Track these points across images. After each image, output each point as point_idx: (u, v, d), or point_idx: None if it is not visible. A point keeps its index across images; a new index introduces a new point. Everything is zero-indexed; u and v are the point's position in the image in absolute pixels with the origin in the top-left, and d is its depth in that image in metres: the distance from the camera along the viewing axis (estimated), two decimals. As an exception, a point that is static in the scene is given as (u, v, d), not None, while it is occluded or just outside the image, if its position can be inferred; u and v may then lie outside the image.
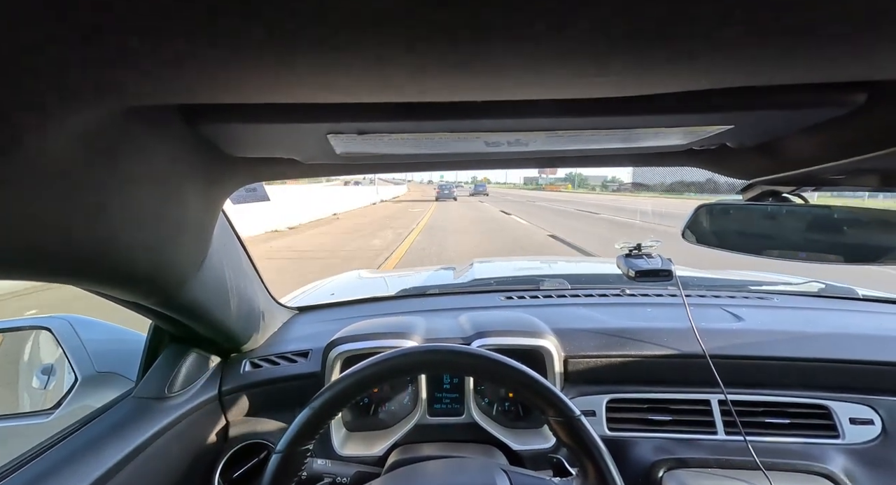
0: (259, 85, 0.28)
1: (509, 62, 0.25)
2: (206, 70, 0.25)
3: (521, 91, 0.29)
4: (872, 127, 0.38)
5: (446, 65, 0.25)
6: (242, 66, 0.25)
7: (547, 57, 0.24)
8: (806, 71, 0.27)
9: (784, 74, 0.27)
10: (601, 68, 0.25)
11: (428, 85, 0.29)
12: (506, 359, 0.58)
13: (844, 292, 1.28)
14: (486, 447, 0.89)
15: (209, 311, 0.70)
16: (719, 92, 0.34)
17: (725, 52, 0.24)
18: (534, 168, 0.64)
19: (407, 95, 0.31)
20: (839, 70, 0.27)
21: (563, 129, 0.38)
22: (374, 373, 0.57)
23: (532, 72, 0.26)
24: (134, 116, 0.32)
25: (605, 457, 0.53)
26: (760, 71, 0.27)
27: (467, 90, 0.30)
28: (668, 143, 0.46)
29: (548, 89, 0.29)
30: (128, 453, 0.65)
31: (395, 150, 0.44)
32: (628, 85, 0.28)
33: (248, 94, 0.29)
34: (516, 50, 0.23)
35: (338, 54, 0.23)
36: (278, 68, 0.25)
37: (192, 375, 0.83)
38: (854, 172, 0.49)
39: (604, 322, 1.03)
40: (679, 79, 0.28)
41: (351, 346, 0.89)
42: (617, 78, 0.27)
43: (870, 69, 0.27)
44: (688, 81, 0.28)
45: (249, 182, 0.60)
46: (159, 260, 0.48)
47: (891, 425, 0.84)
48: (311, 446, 0.56)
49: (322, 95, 0.30)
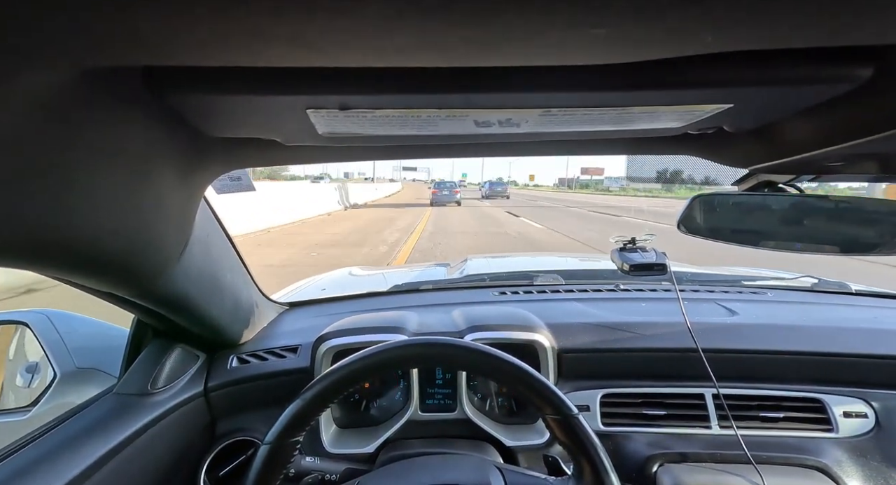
0: (226, 44, 0.25)
1: (498, 21, 0.23)
2: (164, 23, 0.22)
3: (511, 55, 0.28)
4: (876, 106, 0.36)
5: (433, 25, 0.23)
6: (205, 18, 0.22)
7: (538, 16, 0.22)
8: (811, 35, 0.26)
9: (787, 38, 0.26)
10: (594, 26, 0.23)
11: (414, 48, 0.27)
12: (502, 354, 0.57)
13: (837, 287, 1.28)
14: (478, 443, 0.88)
15: (192, 304, 0.68)
16: (720, 66, 0.33)
17: (724, 12, 0.22)
18: (525, 155, 0.62)
19: (390, 59, 0.28)
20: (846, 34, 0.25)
21: (556, 106, 0.36)
22: (368, 365, 0.56)
23: (523, 32, 0.24)
24: (91, 80, 0.29)
25: (601, 456, 0.52)
26: (760, 32, 0.25)
27: (454, 55, 0.28)
28: (663, 125, 0.45)
29: (540, 53, 0.27)
30: (107, 451, 0.62)
31: (380, 130, 0.42)
32: (623, 48, 0.26)
33: (215, 55, 0.27)
34: (504, 8, 0.21)
35: (315, 9, 0.22)
36: (247, 24, 0.23)
37: (177, 370, 0.81)
38: (852, 158, 0.47)
39: (598, 317, 1.02)
40: (675, 41, 0.26)
41: (341, 340, 0.87)
42: (612, 39, 0.25)
43: (878, 35, 0.25)
44: (684, 44, 0.26)
45: (231, 167, 0.57)
46: (132, 248, 0.46)
47: (884, 418, 0.83)
48: (301, 439, 0.54)
49: (299, 57, 0.28)
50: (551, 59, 0.28)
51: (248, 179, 0.66)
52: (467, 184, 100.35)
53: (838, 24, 0.24)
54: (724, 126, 0.49)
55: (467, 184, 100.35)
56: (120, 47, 0.26)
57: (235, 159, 0.55)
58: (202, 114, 0.40)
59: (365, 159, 0.60)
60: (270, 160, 0.57)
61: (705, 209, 0.66)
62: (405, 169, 60.97)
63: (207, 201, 0.70)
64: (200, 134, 0.45)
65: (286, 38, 0.25)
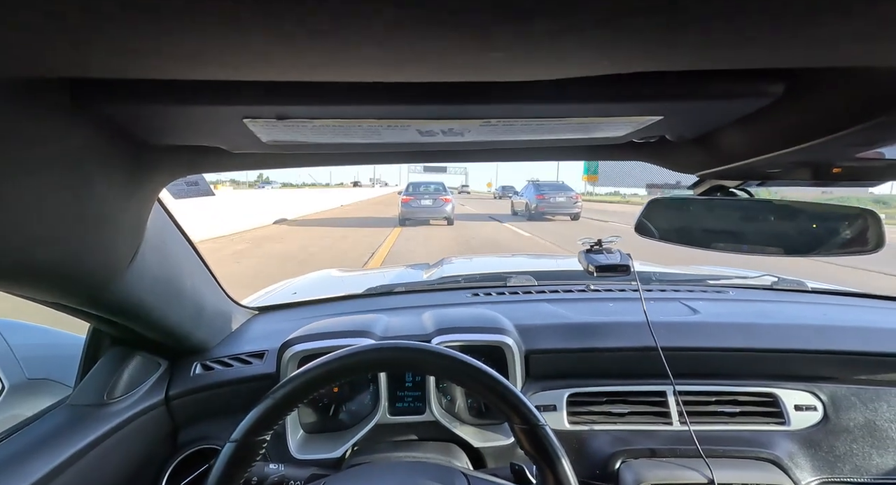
0: (156, 59, 0.25)
1: (432, 40, 0.23)
2: (91, 39, 0.22)
3: (446, 71, 0.28)
4: (792, 119, 0.38)
5: (366, 42, 0.24)
6: (130, 36, 0.22)
7: (469, 38, 0.23)
8: (725, 58, 0.27)
9: (704, 61, 0.27)
10: (537, 48, 0.24)
11: (346, 64, 0.27)
12: (472, 360, 0.57)
13: (795, 285, 1.34)
14: (446, 446, 0.88)
15: (149, 311, 0.66)
16: (646, 83, 0.34)
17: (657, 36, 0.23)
18: (474, 161, 0.63)
19: (325, 74, 0.29)
20: (756, 58, 0.27)
21: (495, 117, 0.37)
22: (340, 367, 0.56)
23: (458, 49, 0.25)
24: (16, 92, 0.28)
25: (565, 467, 0.53)
26: (678, 56, 0.26)
27: (390, 70, 0.28)
28: (605, 135, 0.46)
29: (473, 71, 0.28)
30: (58, 464, 0.60)
31: (323, 138, 0.42)
32: (553, 67, 0.27)
33: (146, 69, 0.27)
34: (436, 29, 0.22)
35: (246, 30, 0.21)
36: (176, 43, 0.23)
37: (137, 379, 0.79)
38: (787, 166, 0.50)
39: (566, 317, 1.04)
40: (610, 60, 0.27)
41: (306, 345, 0.86)
42: (551, 58, 0.26)
43: (785, 58, 0.27)
44: (619, 63, 0.27)
45: (180, 174, 0.56)
46: (75, 256, 0.44)
47: (831, 410, 0.88)
48: (267, 438, 0.54)
49: (232, 72, 0.28)
50: (486, 76, 0.29)
51: (205, 184, 0.65)
52: (471, 191, 69.58)
53: (749, 51, 0.26)
54: (666, 135, 0.50)
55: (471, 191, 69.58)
56: (45, 60, 0.25)
57: (184, 166, 0.54)
58: (140, 123, 0.39)
59: (313, 165, 0.60)
60: (219, 167, 0.56)
61: (660, 213, 0.68)
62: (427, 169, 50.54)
63: (165, 207, 0.69)
64: (143, 142, 0.44)
65: (217, 55, 0.25)
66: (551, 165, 47.62)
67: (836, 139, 0.36)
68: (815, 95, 0.35)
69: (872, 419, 0.87)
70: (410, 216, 11.45)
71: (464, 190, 63.59)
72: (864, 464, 0.85)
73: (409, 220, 11.48)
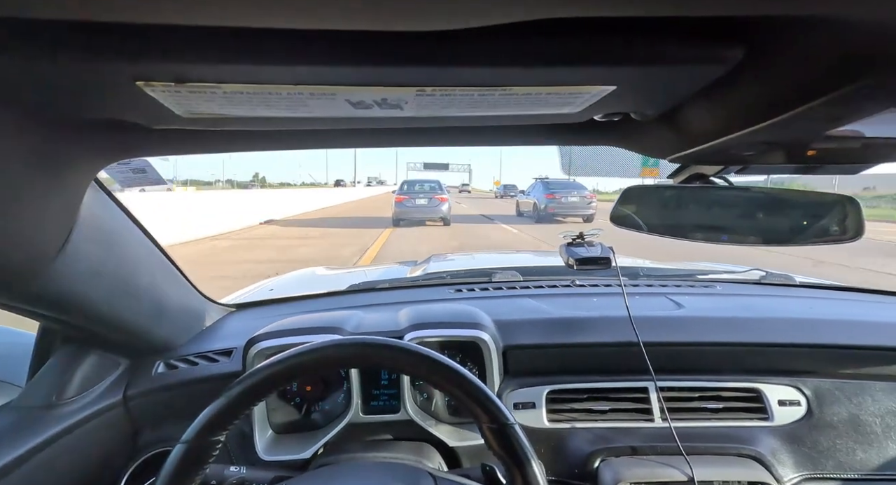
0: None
1: None
2: None
3: (363, 18, 0.25)
4: (755, 92, 0.36)
5: None
6: None
7: None
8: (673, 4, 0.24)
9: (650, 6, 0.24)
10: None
11: (254, 6, 0.23)
12: (437, 355, 0.54)
13: (783, 279, 1.32)
14: (419, 445, 0.85)
15: (91, 306, 0.62)
16: (592, 45, 0.31)
17: None
18: (419, 145, 0.59)
19: (226, 17, 0.24)
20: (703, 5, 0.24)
21: (431, 85, 0.34)
22: (298, 363, 0.54)
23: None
24: None
25: (535, 471, 0.50)
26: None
27: (305, 15, 0.24)
28: (558, 111, 0.43)
29: (389, 13, 0.24)
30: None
31: (242, 111, 0.39)
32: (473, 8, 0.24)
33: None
34: None
35: None
36: None
37: (91, 378, 0.75)
38: (759, 147, 0.47)
39: (548, 313, 1.02)
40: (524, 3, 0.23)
41: (272, 342, 0.83)
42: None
43: (738, 6, 0.24)
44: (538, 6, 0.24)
45: (107, 155, 0.52)
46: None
47: (815, 405, 0.86)
48: (222, 439, 0.51)
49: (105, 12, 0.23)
50: (402, 19, 0.25)
51: (154, 172, 0.61)
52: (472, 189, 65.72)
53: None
54: (630, 114, 0.48)
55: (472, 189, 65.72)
56: None
57: (106, 145, 0.50)
58: (19, 91, 0.34)
59: (246, 150, 0.56)
60: (143, 150, 0.52)
61: (635, 202, 0.65)
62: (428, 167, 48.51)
63: (112, 196, 0.65)
64: (46, 116, 0.40)
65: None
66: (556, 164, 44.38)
67: (806, 112, 0.33)
68: (778, 61, 0.32)
69: (857, 414, 0.85)
70: (404, 216, 10.67)
71: (464, 189, 60.09)
72: (848, 460, 0.83)
73: (403, 220, 10.67)
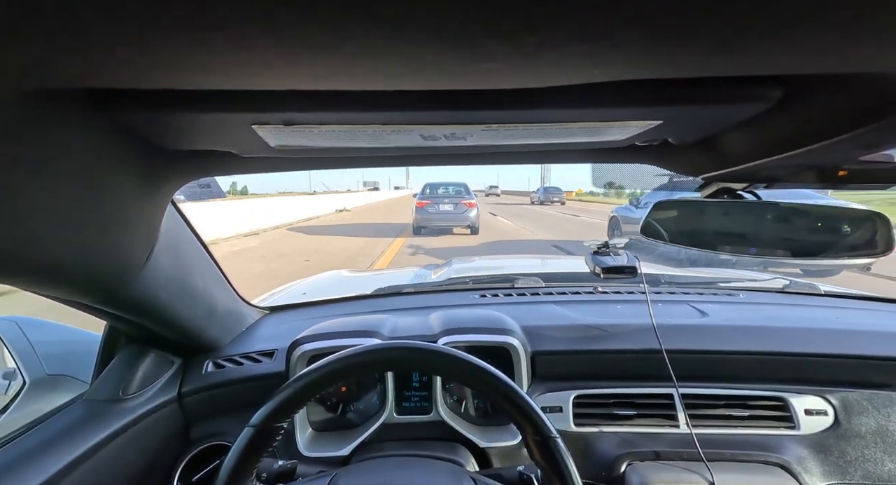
0: (168, 70, 0.27)
1: (427, 54, 0.24)
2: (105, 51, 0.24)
3: (442, 81, 0.29)
4: (792, 123, 0.39)
5: (366, 54, 0.25)
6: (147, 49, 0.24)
7: (461, 49, 0.24)
8: (722, 65, 0.28)
9: (691, 69, 0.28)
10: (527, 58, 0.25)
11: (351, 74, 0.28)
12: (487, 366, 0.57)
13: (807, 288, 1.32)
14: (452, 445, 0.89)
15: (162, 309, 0.68)
16: (643, 89, 0.34)
17: (642, 46, 0.24)
18: (479, 164, 0.63)
19: (331, 84, 0.30)
20: (752, 65, 0.28)
21: (497, 122, 0.38)
22: (359, 362, 0.57)
23: (448, 63, 0.26)
24: (35, 101, 0.30)
25: (575, 481, 0.53)
26: (662, 66, 0.27)
27: (394, 79, 0.29)
28: (606, 138, 0.46)
29: (468, 80, 0.29)
30: (75, 457, 0.62)
31: (330, 143, 0.44)
32: (543, 76, 0.28)
33: (158, 80, 0.28)
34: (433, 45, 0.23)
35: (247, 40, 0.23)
36: (186, 54, 0.24)
37: (150, 376, 0.81)
38: (792, 169, 0.50)
39: (573, 319, 1.04)
40: (600, 69, 0.28)
41: (314, 345, 0.88)
42: (542, 68, 0.27)
43: (781, 65, 0.27)
44: (609, 72, 0.28)
45: (192, 178, 0.58)
46: (93, 257, 0.46)
47: (842, 415, 0.86)
48: (284, 426, 0.55)
49: (240, 82, 0.29)
50: (480, 84, 0.30)
51: (217, 186, 0.67)
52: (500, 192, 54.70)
53: (744, 60, 0.26)
54: (668, 138, 0.51)
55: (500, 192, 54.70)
56: (67, 71, 0.27)
57: (196, 170, 0.56)
58: (153, 130, 0.41)
59: (321, 168, 0.61)
60: (230, 170, 0.58)
61: (666, 215, 0.68)
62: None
63: (178, 209, 0.70)
64: (157, 147, 0.46)
65: (224, 67, 0.26)
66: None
67: (838, 143, 0.36)
68: (814, 100, 0.35)
69: (885, 425, 0.86)
70: (426, 224, 9.24)
71: (492, 192, 51.27)
72: (876, 470, 0.84)
73: (425, 228, 9.27)
